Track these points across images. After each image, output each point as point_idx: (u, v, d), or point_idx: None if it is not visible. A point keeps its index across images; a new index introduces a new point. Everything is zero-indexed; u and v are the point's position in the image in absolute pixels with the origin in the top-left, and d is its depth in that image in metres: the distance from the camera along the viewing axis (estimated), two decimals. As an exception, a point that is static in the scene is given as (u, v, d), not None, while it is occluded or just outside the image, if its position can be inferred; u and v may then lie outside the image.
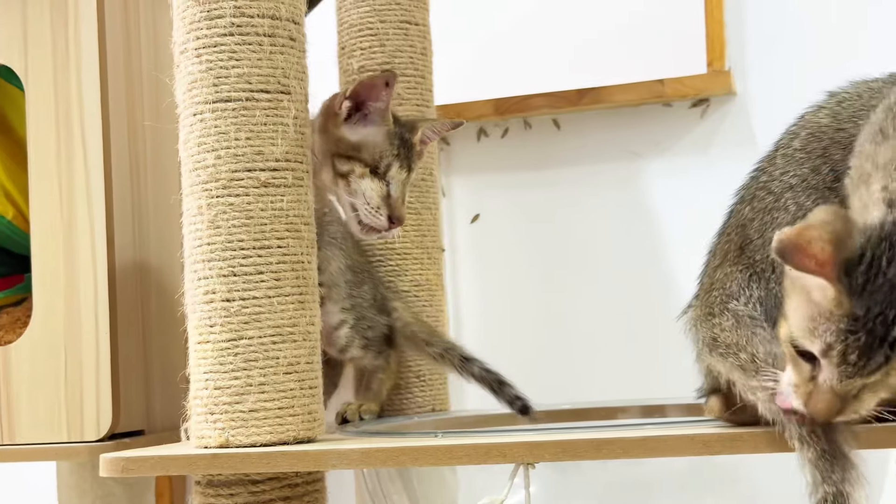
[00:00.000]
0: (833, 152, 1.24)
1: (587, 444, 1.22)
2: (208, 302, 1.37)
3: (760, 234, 1.24)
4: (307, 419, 1.38)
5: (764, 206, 1.25)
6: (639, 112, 2.24)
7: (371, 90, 1.53)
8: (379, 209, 1.54)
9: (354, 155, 1.54)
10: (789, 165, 1.26)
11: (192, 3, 1.40)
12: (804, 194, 1.22)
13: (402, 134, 1.57)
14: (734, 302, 1.22)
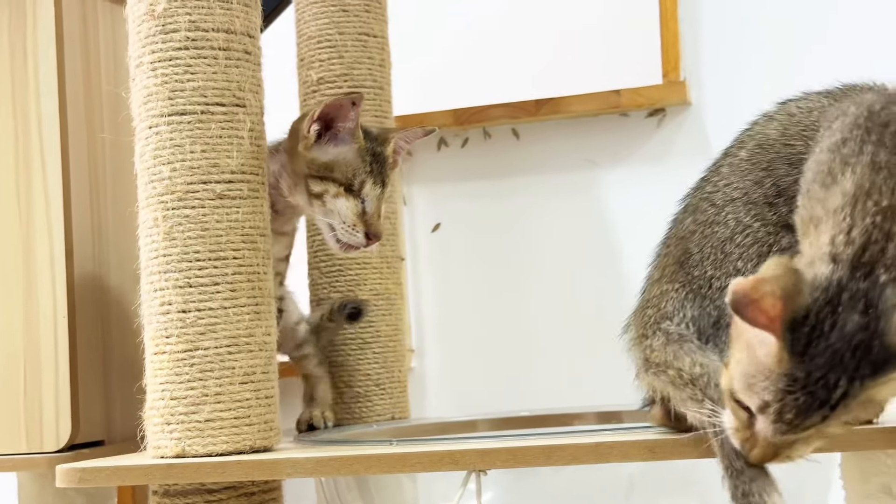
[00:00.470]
0: (778, 166, 1.26)
1: (537, 450, 1.25)
2: (164, 313, 1.39)
3: (700, 248, 1.26)
4: (263, 429, 1.40)
5: (705, 218, 1.28)
6: (596, 122, 2.27)
7: (339, 110, 1.52)
8: (355, 227, 1.53)
9: (327, 175, 1.53)
10: (733, 176, 1.28)
11: (147, 17, 1.41)
12: (744, 209, 1.24)
13: (373, 149, 1.56)
14: (667, 322, 1.24)
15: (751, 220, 1.24)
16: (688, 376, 1.17)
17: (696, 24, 2.20)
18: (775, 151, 1.27)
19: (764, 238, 1.23)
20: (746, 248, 1.23)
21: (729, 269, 1.22)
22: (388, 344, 1.91)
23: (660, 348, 1.22)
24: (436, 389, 2.35)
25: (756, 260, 1.22)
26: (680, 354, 1.19)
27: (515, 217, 2.33)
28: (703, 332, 1.22)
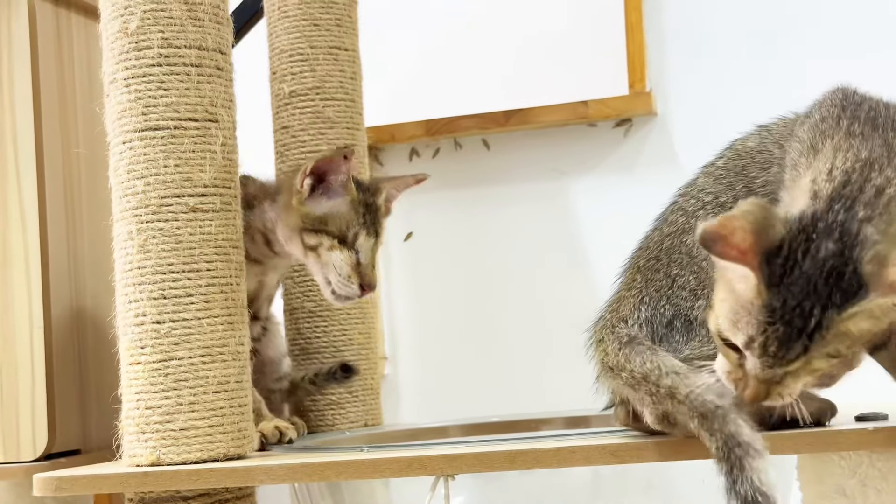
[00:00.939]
0: (751, 170, 1.31)
1: (502, 455, 1.28)
2: (139, 324, 1.42)
3: (668, 254, 1.31)
4: (237, 436, 1.43)
5: (675, 228, 1.32)
6: (564, 132, 2.31)
7: (331, 164, 1.54)
8: (350, 278, 1.55)
9: (321, 228, 1.55)
10: (708, 183, 1.33)
11: (121, 34, 1.44)
12: (713, 213, 1.29)
13: (366, 200, 1.58)
14: (621, 324, 1.29)
15: None
16: (639, 374, 1.21)
17: (661, 36, 2.25)
18: (750, 157, 1.33)
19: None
20: None
21: (694, 268, 1.27)
22: (360, 352, 1.94)
23: (614, 352, 1.26)
24: (409, 396, 2.38)
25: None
26: (631, 356, 1.24)
27: (486, 226, 2.37)
28: (657, 333, 1.26)
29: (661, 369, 1.20)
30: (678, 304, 1.27)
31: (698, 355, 1.23)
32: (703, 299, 1.25)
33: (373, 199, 1.59)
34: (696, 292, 1.26)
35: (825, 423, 1.28)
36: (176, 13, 1.43)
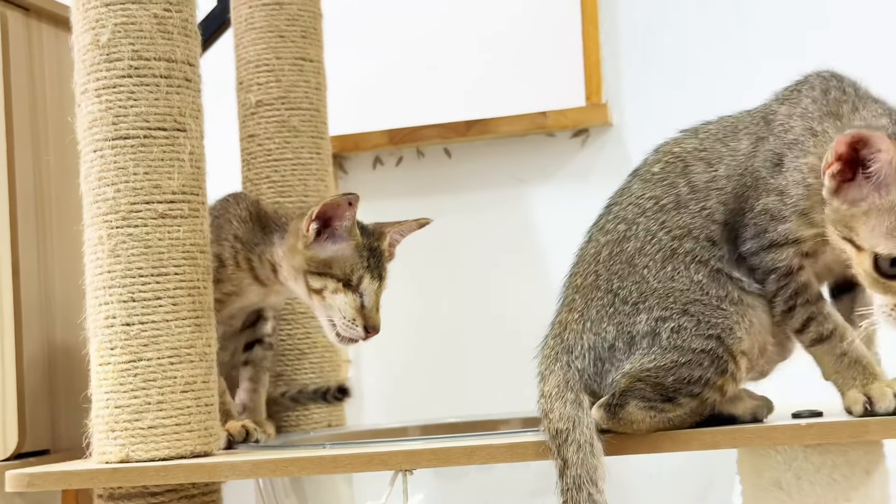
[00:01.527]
0: (695, 168, 1.38)
1: (459, 451, 1.35)
2: (109, 326, 1.47)
3: (607, 267, 1.36)
4: (203, 434, 1.48)
5: (615, 237, 1.38)
6: (524, 142, 2.38)
7: (336, 209, 1.57)
8: (355, 321, 1.58)
9: (326, 271, 1.58)
10: (646, 188, 1.39)
11: (92, 46, 1.49)
12: (653, 218, 1.35)
13: (370, 244, 1.61)
14: (566, 356, 1.35)
15: (658, 227, 1.35)
16: (553, 429, 1.30)
17: (616, 50, 2.33)
18: (693, 157, 1.39)
19: (668, 243, 1.34)
20: (653, 255, 1.34)
21: (636, 278, 1.33)
22: (324, 355, 2.00)
23: (548, 392, 1.34)
24: (371, 398, 2.44)
25: (660, 265, 1.32)
26: (555, 405, 1.32)
27: (448, 232, 2.43)
28: (600, 357, 1.33)
29: (568, 435, 1.29)
30: (620, 321, 1.32)
31: (639, 368, 1.30)
32: (644, 312, 1.31)
33: (377, 244, 1.62)
34: (638, 306, 1.32)
35: (762, 420, 1.35)
36: (146, 26, 1.49)
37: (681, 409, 1.30)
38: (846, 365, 1.32)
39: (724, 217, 1.35)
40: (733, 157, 1.37)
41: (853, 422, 1.27)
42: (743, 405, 1.35)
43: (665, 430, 1.32)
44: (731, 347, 1.29)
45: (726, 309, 1.31)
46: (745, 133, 1.38)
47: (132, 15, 1.48)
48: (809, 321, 1.33)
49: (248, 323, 1.80)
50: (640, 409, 1.29)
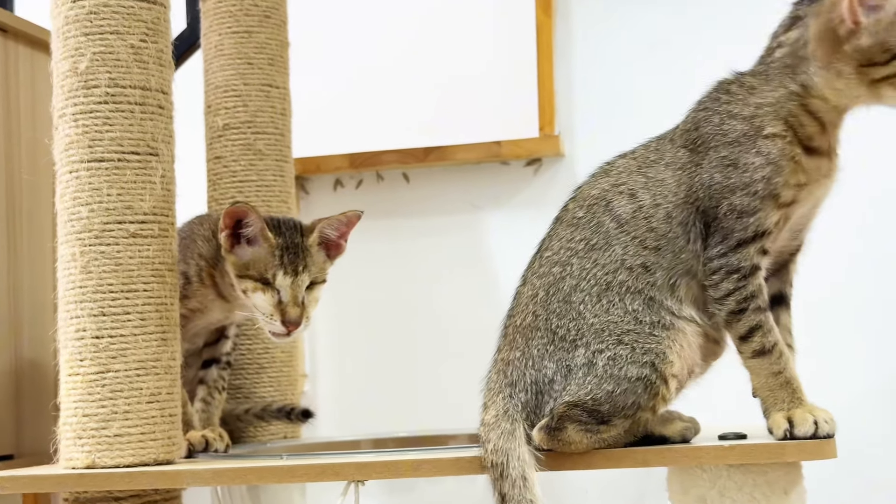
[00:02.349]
0: (618, 203, 1.47)
1: (407, 463, 1.44)
2: (79, 338, 1.54)
3: (545, 307, 1.45)
4: (167, 443, 1.56)
5: (551, 279, 1.47)
6: (479, 169, 2.48)
7: (240, 217, 1.64)
8: (272, 316, 1.65)
9: (246, 273, 1.66)
10: (573, 232, 1.48)
11: (71, 73, 1.57)
12: (586, 257, 1.46)
13: (288, 242, 1.67)
14: (508, 389, 1.44)
15: (591, 265, 1.45)
16: (489, 461, 1.40)
17: (569, 84, 2.44)
18: (613, 194, 1.48)
19: (602, 278, 1.44)
20: (588, 291, 1.44)
21: (573, 314, 1.43)
22: (282, 369, 2.08)
23: (487, 421, 1.43)
24: (327, 411, 2.52)
25: (595, 300, 1.43)
26: (491, 436, 1.41)
27: (404, 254, 2.52)
28: (541, 390, 1.42)
29: (503, 469, 1.38)
30: (560, 357, 1.42)
31: (574, 398, 1.39)
32: (582, 347, 1.41)
33: (300, 240, 1.69)
34: (576, 342, 1.41)
35: (690, 440, 1.45)
36: (123, 56, 1.57)
37: (615, 429, 1.40)
38: (779, 384, 1.41)
39: (656, 242, 1.44)
40: (661, 184, 1.46)
41: (772, 444, 1.38)
42: (673, 427, 1.45)
43: (601, 449, 1.41)
44: (663, 372, 1.39)
45: (658, 335, 1.40)
46: (671, 156, 1.48)
47: (110, 45, 1.56)
48: (756, 329, 1.41)
49: (209, 341, 1.88)
50: (577, 432, 1.39)
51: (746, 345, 1.42)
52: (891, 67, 1.35)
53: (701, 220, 1.44)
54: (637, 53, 2.40)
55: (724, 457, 1.38)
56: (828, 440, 1.38)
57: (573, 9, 2.43)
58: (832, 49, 1.38)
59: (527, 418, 1.42)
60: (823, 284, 2.23)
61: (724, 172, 1.42)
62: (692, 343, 1.43)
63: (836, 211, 1.56)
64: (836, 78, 1.39)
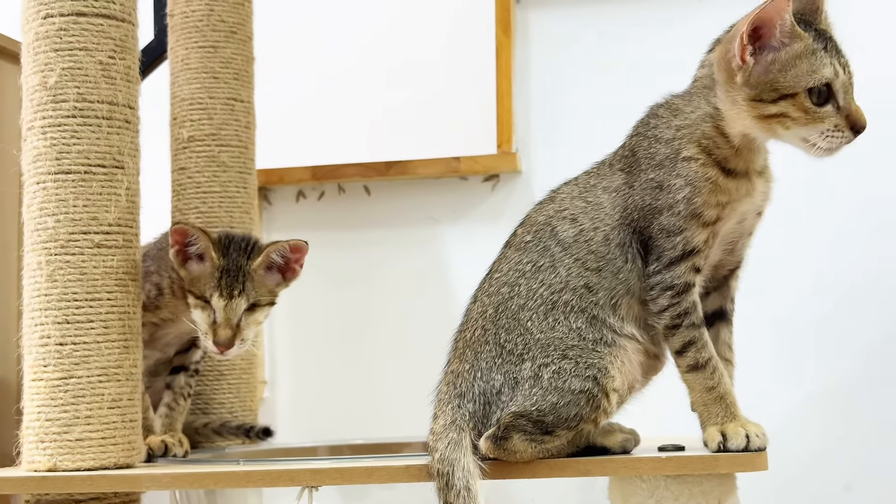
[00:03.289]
0: (561, 227, 1.54)
1: (361, 470, 1.50)
2: (43, 345, 1.59)
3: (494, 323, 1.52)
4: (127, 448, 1.61)
5: (500, 299, 1.53)
6: (439, 184, 2.54)
7: (189, 237, 1.70)
8: (206, 334, 1.71)
9: (192, 290, 1.72)
10: (521, 255, 1.55)
11: (40, 87, 1.62)
12: (534, 279, 1.52)
13: (230, 265, 1.71)
14: (457, 400, 1.50)
15: (538, 286, 1.51)
16: (435, 469, 1.46)
17: (527, 103, 2.50)
18: (557, 219, 1.55)
19: (548, 297, 1.50)
20: (535, 309, 1.50)
21: (521, 330, 1.50)
22: (241, 377, 2.13)
23: (436, 430, 1.49)
24: (285, 418, 2.57)
25: (542, 317, 1.49)
26: (439, 446, 1.47)
27: (364, 265, 2.58)
28: (489, 401, 1.49)
29: (449, 477, 1.45)
30: (507, 370, 1.48)
31: (520, 408, 1.45)
32: (528, 361, 1.47)
33: (243, 263, 1.72)
34: (523, 355, 1.48)
35: (630, 451, 1.52)
36: (91, 72, 1.62)
37: (559, 440, 1.47)
38: (713, 399, 1.48)
39: (597, 263, 1.51)
40: (599, 208, 1.54)
41: (706, 456, 1.45)
42: (614, 438, 1.52)
43: (545, 458, 1.48)
44: (605, 386, 1.46)
45: (601, 351, 1.47)
46: (608, 180, 1.56)
47: (79, 61, 1.62)
48: (690, 345, 1.48)
49: (181, 350, 1.93)
50: (522, 441, 1.45)
51: (682, 359, 1.50)
52: (778, 107, 1.43)
53: (638, 240, 1.51)
54: (592, 75, 2.47)
55: (661, 468, 1.45)
56: (759, 453, 1.46)
57: (532, 30, 2.50)
58: (728, 77, 1.46)
59: (474, 428, 1.49)
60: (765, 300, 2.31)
61: (652, 194, 1.50)
62: (633, 360, 1.50)
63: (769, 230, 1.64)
64: (731, 105, 1.47)
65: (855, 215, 2.33)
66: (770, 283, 2.34)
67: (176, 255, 1.72)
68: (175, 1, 2.15)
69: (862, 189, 2.33)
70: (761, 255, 2.25)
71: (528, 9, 2.50)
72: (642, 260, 1.51)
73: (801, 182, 2.36)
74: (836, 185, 2.34)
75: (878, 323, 2.30)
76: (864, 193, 2.33)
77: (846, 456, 2.28)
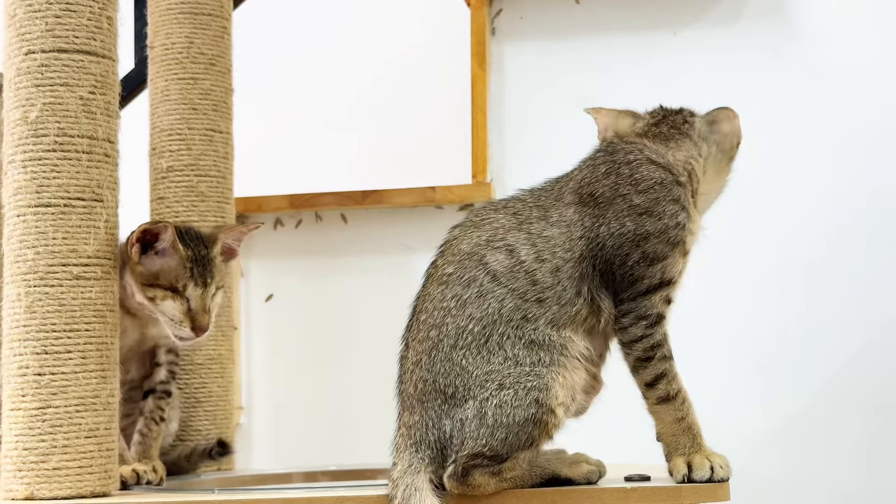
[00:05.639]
0: (490, 257, 1.53)
1: (332, 500, 1.52)
2: (22, 375, 1.61)
3: (430, 369, 1.51)
4: (103, 477, 1.64)
5: (430, 344, 1.53)
6: (414, 213, 2.58)
7: (154, 234, 1.74)
8: (182, 323, 1.76)
9: (155, 283, 1.76)
10: (447, 290, 1.54)
11: (21, 122, 1.65)
12: (460, 314, 1.51)
13: (196, 254, 1.78)
14: (411, 450, 1.51)
15: (466, 321, 1.51)
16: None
17: (502, 134, 2.55)
18: (488, 248, 1.54)
19: (479, 332, 1.50)
20: (468, 346, 1.50)
21: (458, 370, 1.49)
22: (218, 403, 2.16)
23: (395, 477, 1.51)
24: (261, 444, 2.60)
25: (475, 353, 1.49)
26: (397, 493, 1.48)
27: (341, 292, 2.62)
28: (442, 444, 1.49)
29: None
30: (453, 413, 1.48)
31: (472, 450, 1.46)
32: (470, 400, 1.48)
33: (206, 251, 1.80)
34: (465, 396, 1.48)
35: (595, 482, 1.56)
36: (72, 107, 1.65)
37: (518, 464, 1.48)
38: (682, 430, 1.52)
39: (538, 295, 1.50)
40: (547, 240, 1.53)
41: (670, 487, 1.49)
42: (579, 469, 1.55)
43: (510, 488, 1.50)
44: (549, 404, 1.46)
45: (539, 370, 1.47)
46: (558, 214, 1.56)
47: (60, 96, 1.65)
48: (662, 377, 1.51)
49: (146, 373, 1.96)
50: (482, 475, 1.48)
51: (652, 391, 1.52)
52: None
53: (599, 274, 1.52)
54: (566, 107, 2.52)
55: (626, 498, 1.49)
56: (722, 483, 1.50)
57: (507, 64, 2.55)
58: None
59: (434, 471, 1.50)
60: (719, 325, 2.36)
61: (636, 220, 1.52)
62: (574, 376, 1.50)
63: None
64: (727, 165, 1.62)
65: (823, 243, 2.39)
66: (737, 310, 2.39)
67: (137, 251, 1.74)
68: (155, 33, 2.18)
69: (830, 216, 2.39)
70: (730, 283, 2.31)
71: (502, 42, 2.55)
72: (604, 291, 1.53)
73: (771, 208, 2.42)
74: (806, 211, 2.40)
75: (847, 349, 2.35)
76: (831, 220, 2.39)
77: (809, 477, 2.33)
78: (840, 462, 2.32)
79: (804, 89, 2.41)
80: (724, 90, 2.45)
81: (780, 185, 2.40)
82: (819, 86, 2.40)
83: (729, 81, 2.45)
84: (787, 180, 2.40)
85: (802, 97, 2.41)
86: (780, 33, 2.43)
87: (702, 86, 2.46)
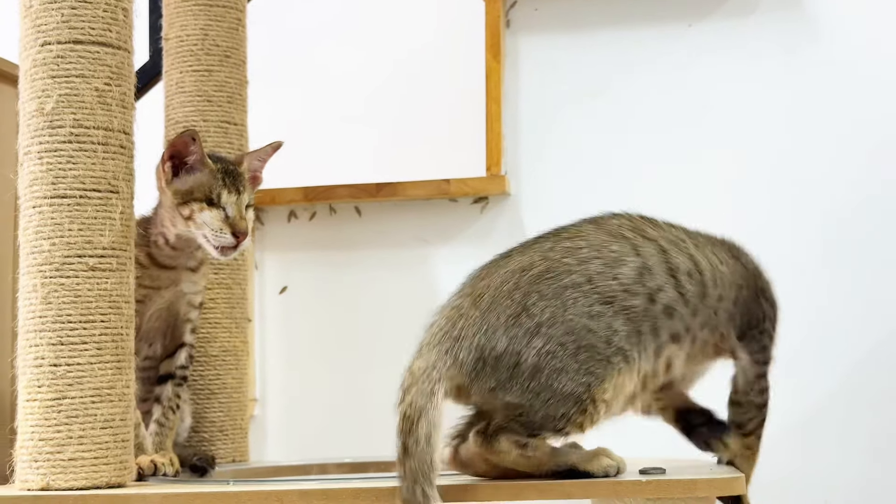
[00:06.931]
0: (673, 254, 1.54)
1: (347, 492, 1.53)
2: (38, 366, 1.62)
3: (531, 283, 1.46)
4: (118, 468, 1.64)
5: (557, 266, 1.48)
6: (428, 205, 2.58)
7: (182, 147, 1.79)
8: (222, 230, 1.79)
9: (190, 198, 1.79)
10: (613, 244, 1.52)
11: (37, 113, 1.65)
12: (609, 267, 1.49)
13: (226, 168, 1.83)
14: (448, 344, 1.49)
15: (611, 277, 1.49)
16: (403, 411, 1.49)
17: (516, 127, 2.55)
18: (675, 249, 1.56)
19: (610, 292, 1.48)
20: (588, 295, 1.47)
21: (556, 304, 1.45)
22: (232, 395, 2.16)
23: (414, 369, 1.52)
24: (275, 436, 2.60)
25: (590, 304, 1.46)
26: (412, 389, 1.49)
27: (354, 285, 2.62)
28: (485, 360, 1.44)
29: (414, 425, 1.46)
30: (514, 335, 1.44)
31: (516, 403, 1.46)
32: (540, 339, 1.43)
33: (234, 167, 1.85)
34: (541, 328, 1.44)
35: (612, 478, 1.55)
36: (87, 98, 1.65)
37: (542, 445, 1.48)
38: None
39: (695, 303, 1.54)
40: (718, 266, 1.58)
41: (685, 480, 1.48)
42: (598, 463, 1.53)
43: (525, 466, 1.50)
44: (594, 394, 1.45)
45: (613, 362, 1.46)
46: (722, 254, 1.61)
47: (76, 87, 1.65)
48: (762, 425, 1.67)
49: (167, 352, 1.96)
50: (509, 442, 1.47)
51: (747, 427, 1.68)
52: None
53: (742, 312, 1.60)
54: (581, 100, 2.51)
55: (641, 491, 1.49)
56: (737, 477, 1.50)
57: (521, 55, 2.55)
58: None
59: (454, 378, 1.46)
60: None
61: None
62: (631, 386, 1.51)
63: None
64: None
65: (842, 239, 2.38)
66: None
67: (170, 170, 1.79)
68: (170, 25, 2.19)
69: (847, 209, 2.38)
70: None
71: (517, 34, 2.55)
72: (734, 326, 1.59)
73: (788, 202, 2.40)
74: (823, 205, 2.39)
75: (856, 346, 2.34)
76: (850, 214, 2.38)
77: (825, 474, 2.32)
78: (856, 459, 2.31)
79: (820, 81, 2.40)
80: (739, 82, 2.45)
81: (795, 179, 2.39)
82: (835, 78, 2.39)
83: (744, 73, 2.44)
84: (803, 174, 2.39)
85: (818, 89, 2.40)
86: (796, 25, 2.41)
87: (716, 78, 2.45)
